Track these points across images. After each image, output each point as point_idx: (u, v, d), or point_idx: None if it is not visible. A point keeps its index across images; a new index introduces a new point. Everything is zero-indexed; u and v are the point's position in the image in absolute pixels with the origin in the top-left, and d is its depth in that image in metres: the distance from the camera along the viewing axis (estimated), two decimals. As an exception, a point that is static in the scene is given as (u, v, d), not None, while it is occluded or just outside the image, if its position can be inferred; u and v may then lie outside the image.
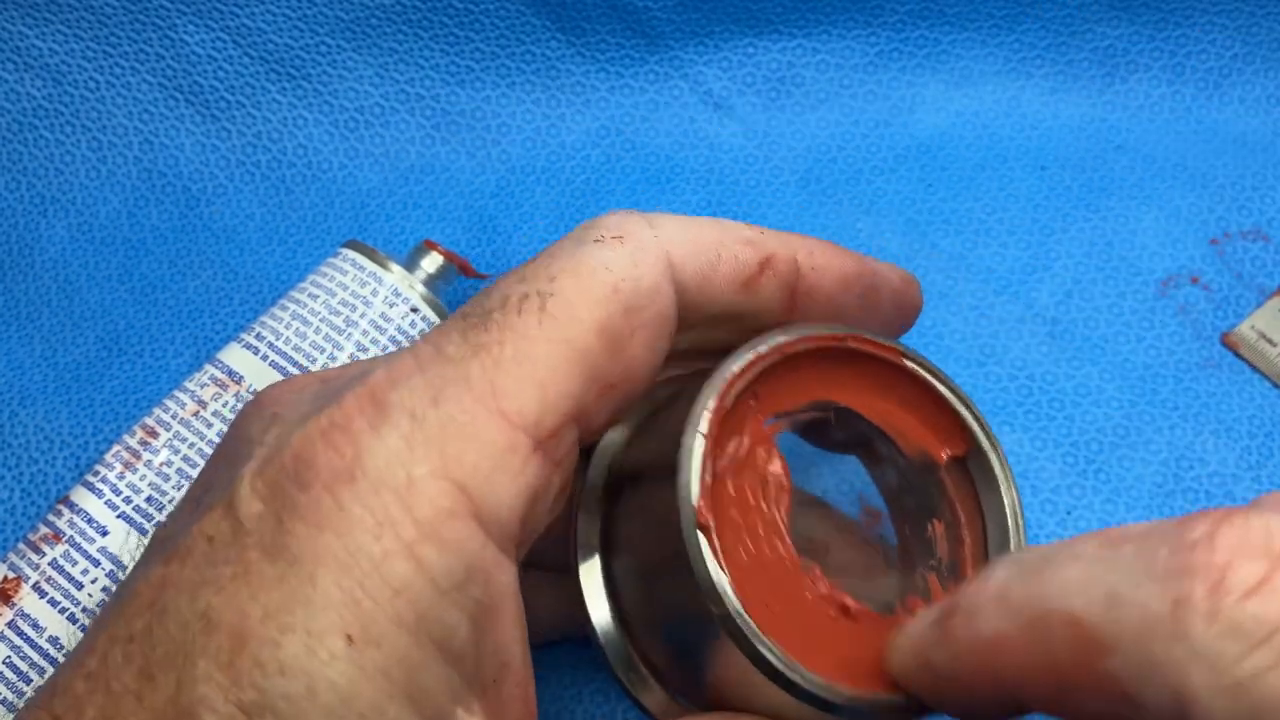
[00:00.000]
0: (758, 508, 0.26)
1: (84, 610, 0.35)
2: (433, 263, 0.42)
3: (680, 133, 0.50)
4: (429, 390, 0.23)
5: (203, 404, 0.39)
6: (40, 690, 0.24)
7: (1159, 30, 0.49)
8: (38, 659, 0.34)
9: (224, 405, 0.38)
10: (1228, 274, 0.45)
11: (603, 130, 0.50)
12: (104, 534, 0.36)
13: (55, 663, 0.34)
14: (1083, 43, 0.50)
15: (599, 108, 0.50)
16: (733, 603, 0.24)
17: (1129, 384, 0.43)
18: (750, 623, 0.24)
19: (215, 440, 0.38)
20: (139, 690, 0.21)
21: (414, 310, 0.40)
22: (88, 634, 0.24)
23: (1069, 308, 0.45)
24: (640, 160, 0.50)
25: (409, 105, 0.50)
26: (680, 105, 0.50)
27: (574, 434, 0.25)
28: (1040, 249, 0.46)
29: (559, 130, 0.50)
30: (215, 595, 0.22)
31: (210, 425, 0.38)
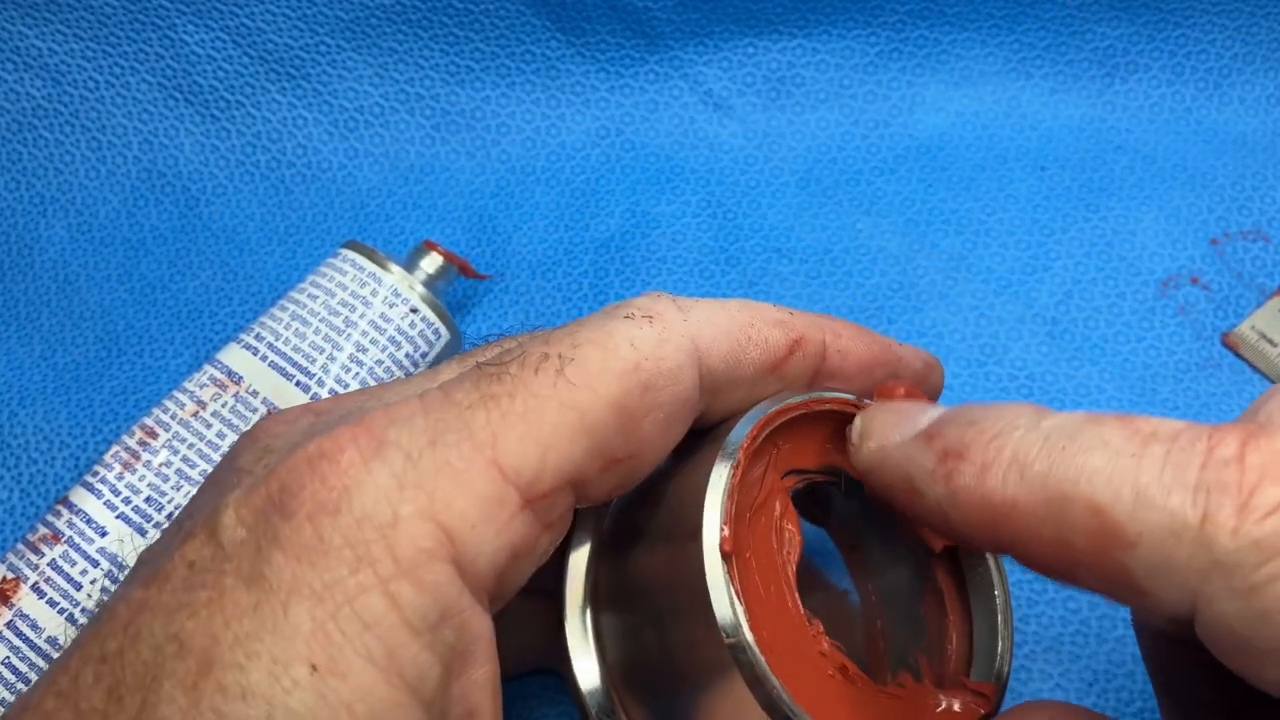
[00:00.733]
0: (771, 556, 0.26)
1: (83, 611, 0.35)
2: (432, 263, 0.42)
3: (680, 133, 0.50)
4: (428, 432, 0.23)
5: (202, 404, 0.39)
6: (11, 706, 0.24)
7: (1159, 30, 0.49)
8: (36, 659, 0.34)
9: (223, 406, 0.38)
10: (1228, 274, 0.45)
11: (603, 130, 0.50)
12: (103, 534, 0.36)
13: (54, 663, 0.35)
14: (1083, 43, 0.49)
15: (599, 108, 0.50)
16: (747, 635, 0.24)
17: (1129, 384, 0.43)
18: (761, 657, 0.24)
19: (215, 440, 0.38)
20: (105, 710, 0.21)
21: (413, 311, 0.40)
22: (65, 652, 0.24)
23: (1069, 308, 0.44)
24: (640, 160, 0.50)
25: (409, 105, 0.50)
26: (680, 105, 0.50)
27: (569, 500, 0.24)
28: (1040, 249, 0.46)
29: (559, 130, 0.50)
30: (189, 619, 0.21)
31: (209, 426, 0.38)
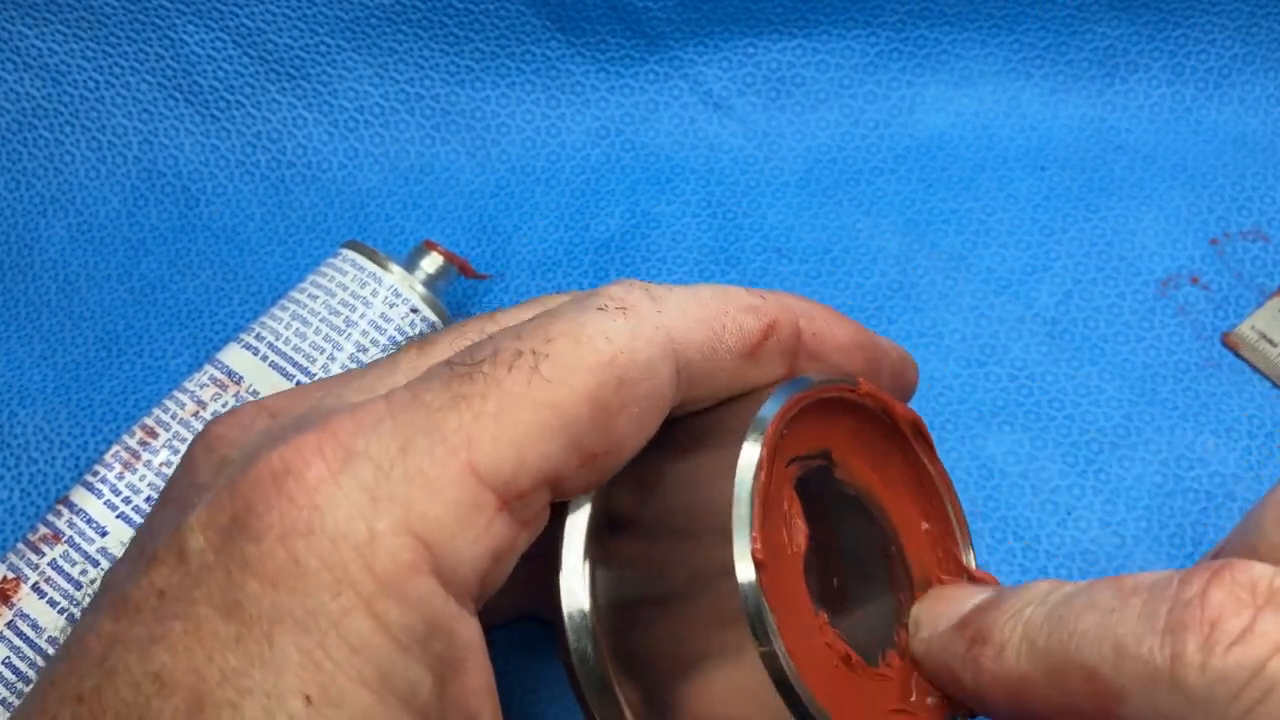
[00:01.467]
0: (784, 550, 0.25)
1: (83, 610, 0.35)
2: (432, 263, 0.42)
3: (680, 133, 0.50)
4: (398, 438, 0.22)
5: (202, 404, 0.39)
6: None
7: (1159, 30, 0.49)
8: (37, 659, 0.34)
9: (223, 405, 0.38)
10: (1228, 274, 0.45)
11: (603, 130, 0.50)
12: (103, 534, 0.36)
13: (54, 663, 0.35)
14: (1083, 43, 0.49)
15: (599, 108, 0.50)
16: (779, 645, 0.23)
17: (1129, 384, 0.43)
18: (793, 665, 0.23)
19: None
20: None
21: (414, 310, 0.40)
22: (35, 688, 0.23)
23: (1069, 308, 0.45)
24: (640, 160, 0.50)
25: (409, 105, 0.50)
26: (680, 105, 0.50)
27: (546, 497, 0.24)
28: (1040, 249, 0.46)
29: (559, 130, 0.50)
30: (167, 654, 0.21)
31: (210, 425, 0.38)
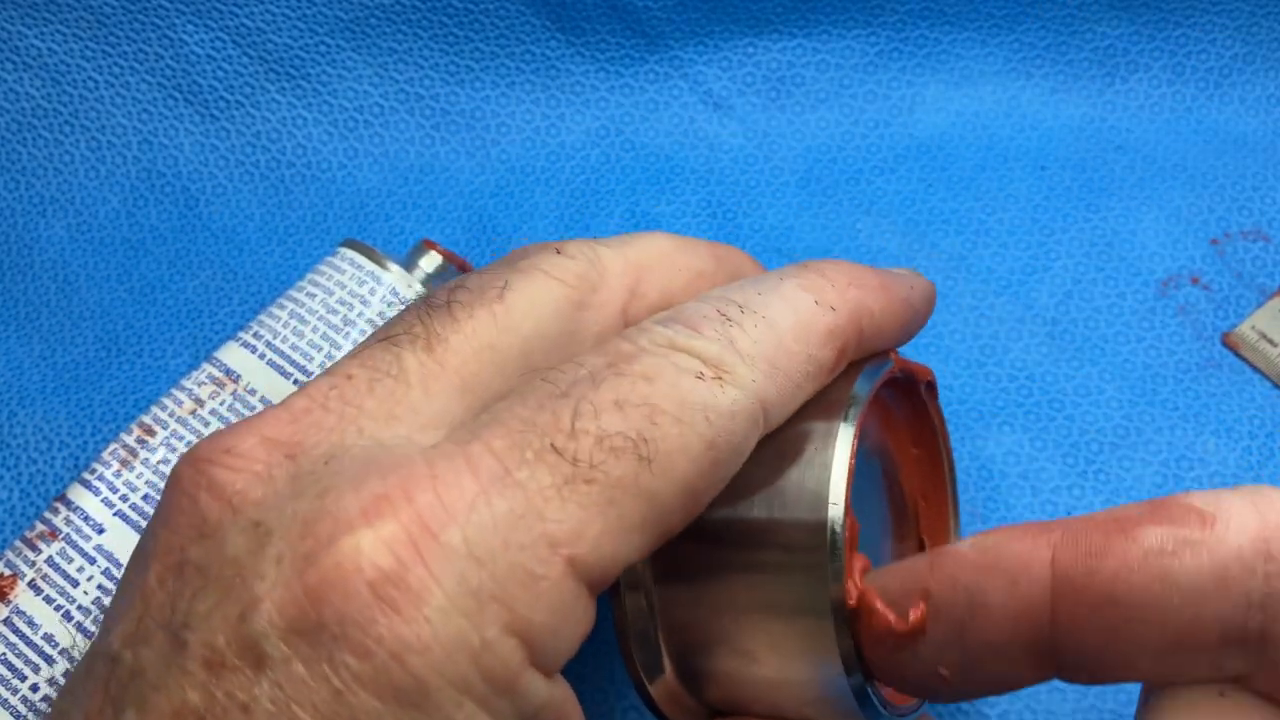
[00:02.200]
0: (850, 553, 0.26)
1: (79, 608, 0.35)
2: (431, 262, 0.42)
3: (680, 133, 0.50)
4: (499, 531, 0.20)
5: (200, 402, 0.39)
6: None
7: (1159, 30, 0.49)
8: (33, 656, 0.34)
9: (221, 404, 0.38)
10: (1228, 274, 0.45)
11: (602, 130, 0.50)
12: (100, 531, 0.36)
13: (50, 660, 0.34)
14: (1083, 43, 0.49)
15: (599, 108, 0.50)
16: (864, 681, 0.25)
17: (1129, 384, 0.42)
18: (880, 693, 0.25)
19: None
20: None
21: (412, 309, 0.40)
22: None
23: (1069, 308, 0.44)
24: (640, 160, 0.50)
25: (408, 105, 0.50)
26: (680, 105, 0.50)
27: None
28: (1040, 249, 0.46)
29: (559, 130, 0.50)
30: None
31: (207, 424, 0.38)
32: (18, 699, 0.34)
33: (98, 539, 0.36)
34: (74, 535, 0.36)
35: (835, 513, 0.24)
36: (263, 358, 0.39)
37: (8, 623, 0.35)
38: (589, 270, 0.26)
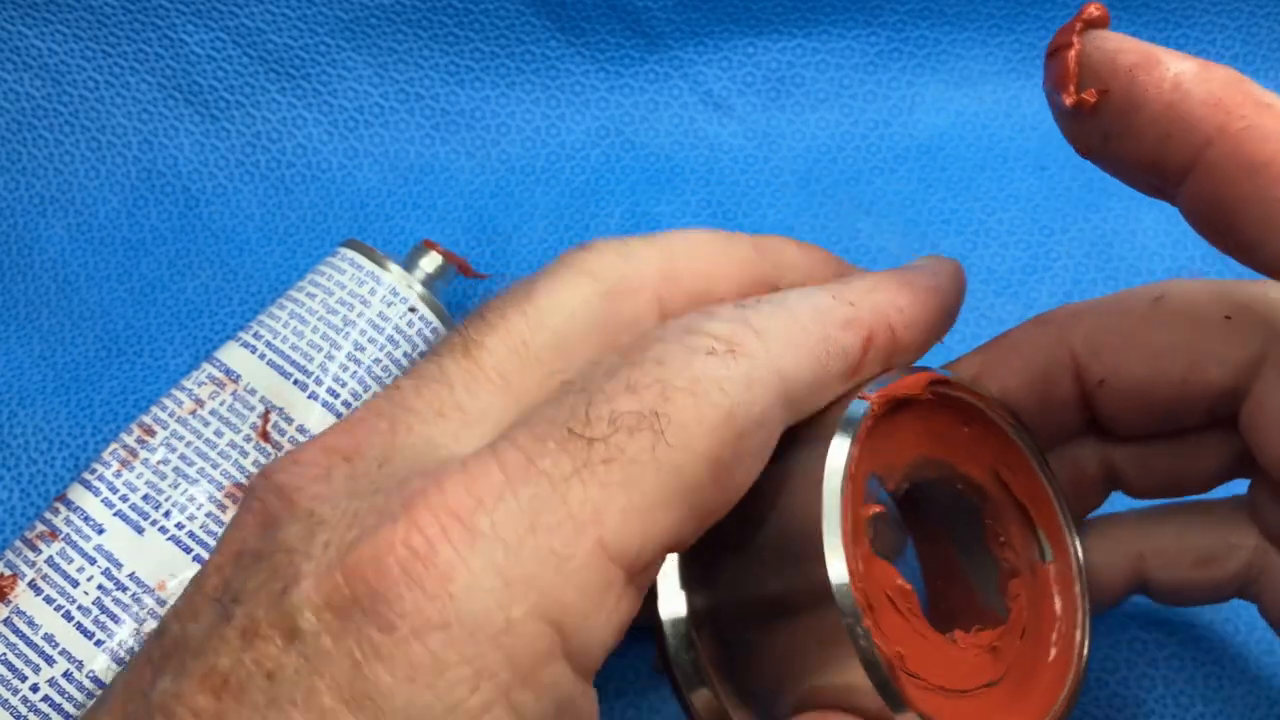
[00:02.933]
0: (873, 562, 0.25)
1: (79, 608, 0.35)
2: (431, 262, 0.42)
3: (680, 133, 0.50)
4: (525, 516, 0.21)
5: (200, 402, 0.39)
6: None
7: (1159, 30, 0.49)
8: (33, 656, 0.34)
9: (221, 404, 0.38)
10: (1228, 274, 0.45)
11: (602, 130, 0.50)
12: (100, 532, 0.36)
13: (50, 660, 0.34)
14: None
15: (599, 108, 0.50)
16: (895, 689, 0.24)
17: (1129, 384, 0.42)
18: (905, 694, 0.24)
19: (212, 439, 0.38)
20: None
21: (412, 310, 0.40)
22: None
23: (1069, 308, 0.44)
24: (640, 160, 0.50)
25: (409, 105, 0.50)
26: (680, 105, 0.50)
27: (662, 560, 0.23)
28: (1040, 249, 0.46)
29: (559, 130, 0.50)
30: None
31: (207, 424, 0.38)
32: (18, 699, 0.34)
33: (98, 539, 0.36)
34: (74, 535, 0.36)
35: (837, 575, 0.24)
36: (263, 358, 0.39)
37: (8, 623, 0.35)
38: (616, 261, 0.27)
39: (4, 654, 0.35)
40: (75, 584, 0.35)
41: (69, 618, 0.35)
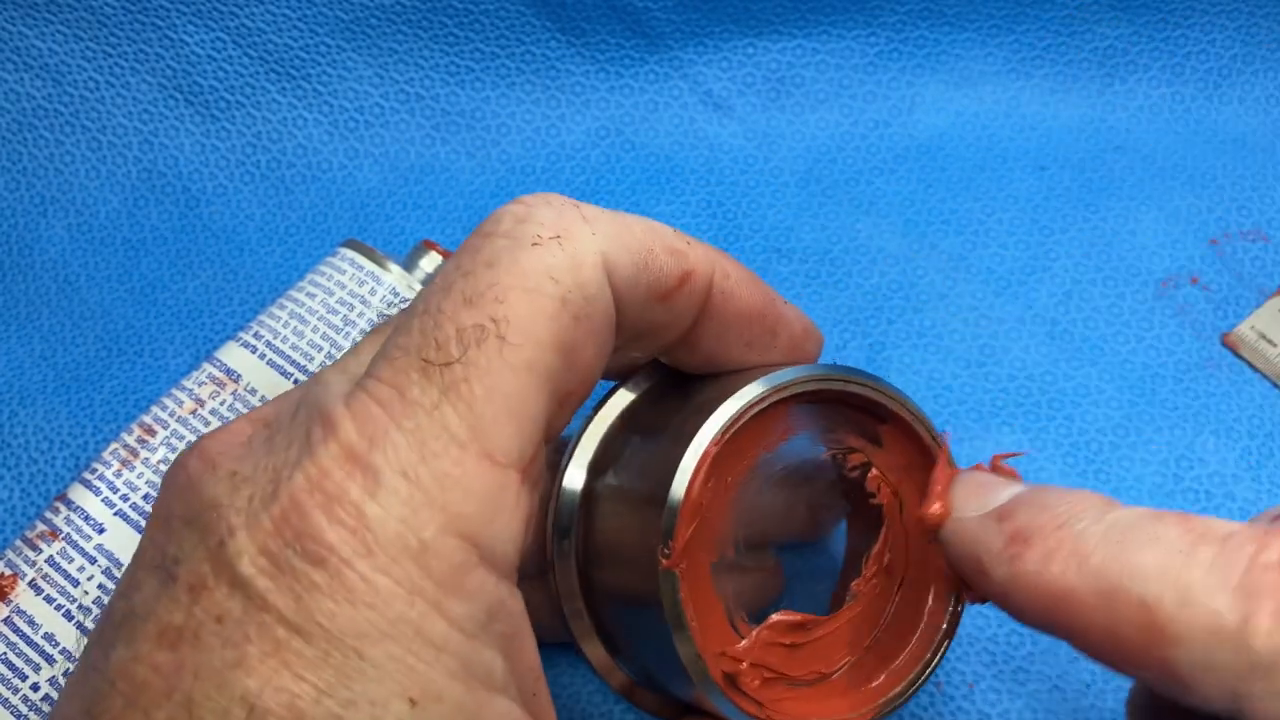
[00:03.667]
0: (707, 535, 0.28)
1: (80, 607, 0.35)
2: (431, 262, 0.42)
3: (680, 133, 0.50)
4: (413, 447, 0.23)
5: (200, 402, 0.39)
6: None
7: (1159, 30, 0.49)
8: (33, 656, 0.34)
9: (221, 404, 0.38)
10: (1227, 274, 0.45)
11: (602, 130, 0.50)
12: (101, 531, 0.36)
13: (51, 660, 0.34)
14: (1083, 43, 0.49)
15: (599, 108, 0.50)
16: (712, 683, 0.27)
17: (1129, 384, 0.43)
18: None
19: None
20: None
21: (412, 309, 0.40)
22: None
23: (1069, 308, 0.44)
24: (640, 160, 0.50)
25: (409, 105, 0.50)
26: (680, 105, 0.50)
27: (544, 449, 0.25)
28: (1040, 249, 0.46)
29: (559, 130, 0.50)
30: (250, 678, 0.21)
31: (208, 424, 0.38)
32: (18, 699, 0.34)
33: (98, 539, 0.36)
34: (74, 535, 0.36)
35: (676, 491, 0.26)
36: (263, 358, 0.39)
37: (8, 622, 0.35)
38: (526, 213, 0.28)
39: (4, 654, 0.35)
40: (76, 583, 0.36)
41: (69, 617, 0.35)
